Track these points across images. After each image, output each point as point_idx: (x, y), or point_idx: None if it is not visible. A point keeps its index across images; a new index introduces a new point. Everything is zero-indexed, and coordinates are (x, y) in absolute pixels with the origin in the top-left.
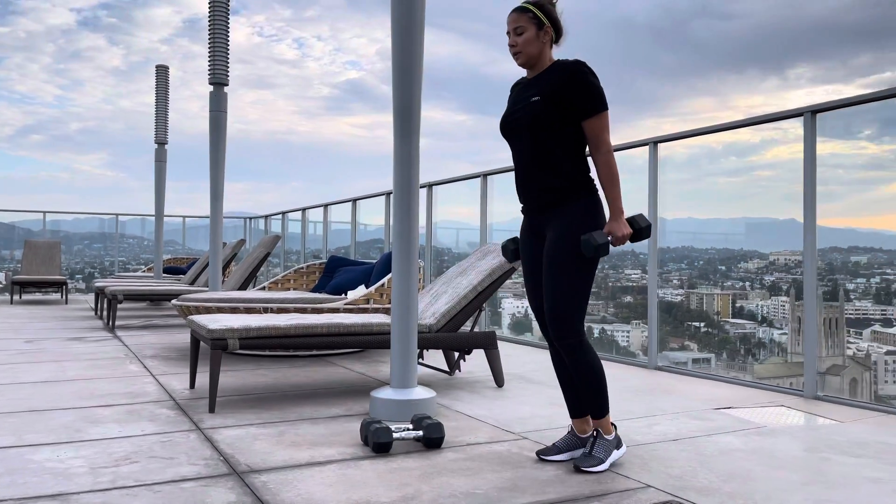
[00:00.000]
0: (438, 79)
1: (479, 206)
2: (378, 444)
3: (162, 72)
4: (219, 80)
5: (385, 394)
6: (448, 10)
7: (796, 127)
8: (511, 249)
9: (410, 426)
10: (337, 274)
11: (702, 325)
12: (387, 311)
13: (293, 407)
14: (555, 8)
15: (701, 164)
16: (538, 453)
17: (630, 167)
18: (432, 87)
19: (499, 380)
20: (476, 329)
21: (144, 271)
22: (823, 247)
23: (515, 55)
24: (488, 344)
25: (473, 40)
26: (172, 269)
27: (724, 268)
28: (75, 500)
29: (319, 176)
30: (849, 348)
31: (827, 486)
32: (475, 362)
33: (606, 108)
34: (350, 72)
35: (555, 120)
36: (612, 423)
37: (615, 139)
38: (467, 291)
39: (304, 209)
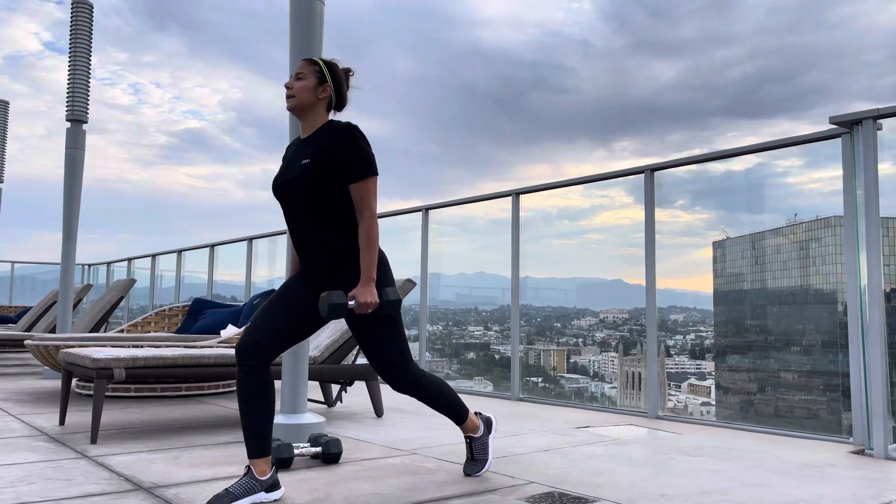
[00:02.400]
0: (285, 132)
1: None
2: (280, 459)
3: (1, 107)
4: (78, 116)
5: (276, 419)
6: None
7: (621, 195)
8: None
9: (308, 444)
10: (202, 317)
11: (539, 379)
12: None
13: (179, 437)
14: (347, 78)
15: (537, 227)
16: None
17: (472, 227)
18: (279, 140)
19: (378, 410)
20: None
21: None
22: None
23: (288, 98)
24: (370, 376)
25: None
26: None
27: (559, 325)
28: None
29: (152, 227)
30: (670, 400)
31: (675, 476)
32: (350, 398)
33: (375, 174)
34: (190, 121)
35: (325, 183)
36: (476, 414)
37: (470, 193)
38: None
39: (154, 255)
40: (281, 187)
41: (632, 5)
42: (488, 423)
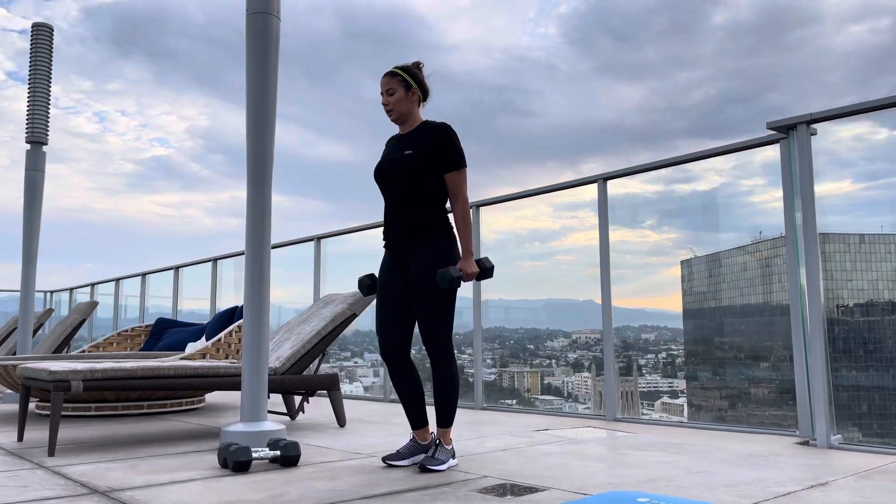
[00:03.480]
0: None
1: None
2: (238, 462)
3: None
4: (37, 138)
5: (236, 427)
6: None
7: (591, 216)
8: (367, 284)
9: (267, 448)
10: (165, 336)
11: (514, 402)
12: None
13: (139, 448)
14: (421, 71)
15: (508, 249)
16: (384, 459)
17: None
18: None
19: (341, 420)
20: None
21: None
22: (618, 325)
23: (388, 112)
24: (331, 385)
25: (289, 123)
26: None
27: (532, 346)
28: None
29: (117, 256)
30: (643, 418)
31: (625, 467)
32: (314, 412)
33: (466, 165)
34: (157, 148)
35: (424, 170)
36: (451, 437)
37: None
38: (311, 336)
39: (117, 279)
40: (386, 172)
41: (596, 29)
42: (454, 452)
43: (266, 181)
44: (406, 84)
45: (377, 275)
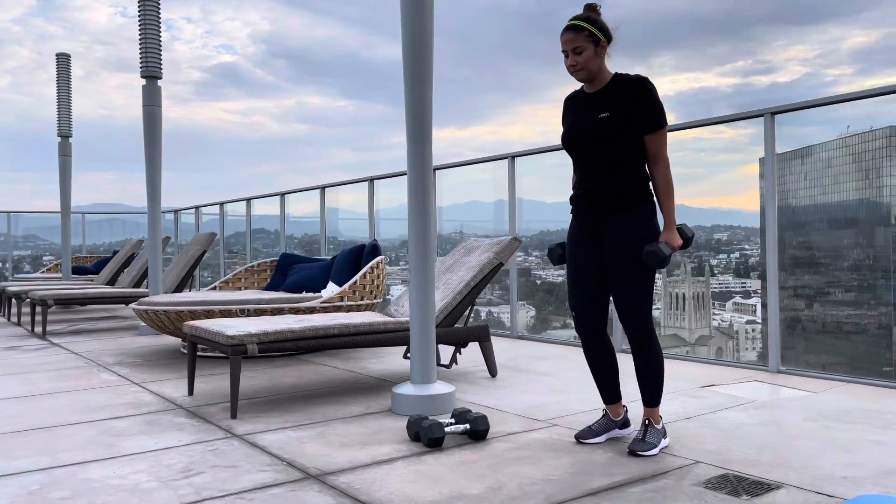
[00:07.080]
0: (316, 63)
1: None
2: (432, 439)
3: (63, 60)
4: (152, 73)
5: (407, 390)
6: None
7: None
8: (559, 254)
9: (453, 420)
10: (291, 272)
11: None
12: (368, 308)
13: (311, 408)
14: (600, 15)
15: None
16: (578, 438)
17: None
18: (310, 71)
19: (492, 370)
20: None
21: (44, 272)
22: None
23: (576, 73)
24: (483, 337)
25: (350, 24)
26: (78, 269)
27: None
28: None
29: (193, 164)
30: (714, 319)
31: (844, 451)
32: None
33: (666, 124)
34: (223, 55)
35: (622, 135)
36: (660, 415)
37: (506, 118)
38: (461, 287)
39: (222, 203)
40: (577, 139)
41: None
42: (665, 431)
43: (426, 137)
44: (595, 39)
45: (566, 243)
